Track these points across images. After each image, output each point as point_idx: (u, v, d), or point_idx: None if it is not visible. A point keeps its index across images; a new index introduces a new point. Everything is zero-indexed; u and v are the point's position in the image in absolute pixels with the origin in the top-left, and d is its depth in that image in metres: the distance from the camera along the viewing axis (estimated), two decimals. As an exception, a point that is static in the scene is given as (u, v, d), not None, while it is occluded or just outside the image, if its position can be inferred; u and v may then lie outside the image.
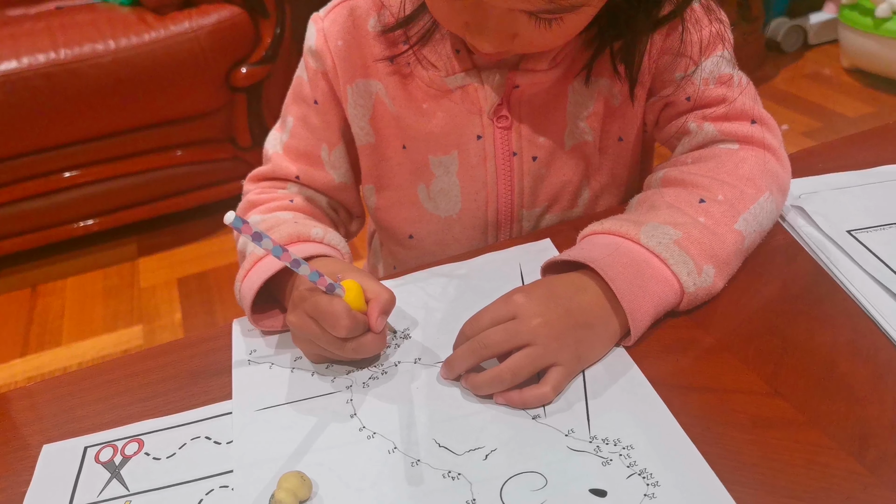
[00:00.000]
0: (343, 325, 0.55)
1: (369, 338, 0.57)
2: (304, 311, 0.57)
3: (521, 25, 0.57)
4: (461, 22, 0.60)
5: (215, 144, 2.15)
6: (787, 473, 0.46)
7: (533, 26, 0.57)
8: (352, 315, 0.55)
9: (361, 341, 0.57)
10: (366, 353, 0.58)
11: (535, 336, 0.53)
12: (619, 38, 0.65)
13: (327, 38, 0.72)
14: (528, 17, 0.56)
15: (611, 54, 0.67)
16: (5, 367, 1.83)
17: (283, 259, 0.52)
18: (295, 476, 0.49)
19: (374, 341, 0.57)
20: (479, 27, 0.58)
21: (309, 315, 0.57)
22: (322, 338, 0.57)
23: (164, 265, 2.14)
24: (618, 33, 0.65)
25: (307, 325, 0.57)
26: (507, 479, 0.48)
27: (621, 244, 0.59)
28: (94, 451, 0.56)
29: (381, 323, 0.57)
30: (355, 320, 0.56)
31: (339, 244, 0.68)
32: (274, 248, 0.51)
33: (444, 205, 0.76)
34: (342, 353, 0.57)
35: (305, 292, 0.57)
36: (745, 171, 0.64)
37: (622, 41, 0.66)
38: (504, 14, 0.57)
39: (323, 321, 0.56)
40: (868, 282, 0.60)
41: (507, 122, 0.71)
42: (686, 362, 0.55)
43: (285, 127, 0.78)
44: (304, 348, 0.60)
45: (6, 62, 1.86)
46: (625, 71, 0.68)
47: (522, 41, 0.60)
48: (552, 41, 0.61)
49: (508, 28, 0.58)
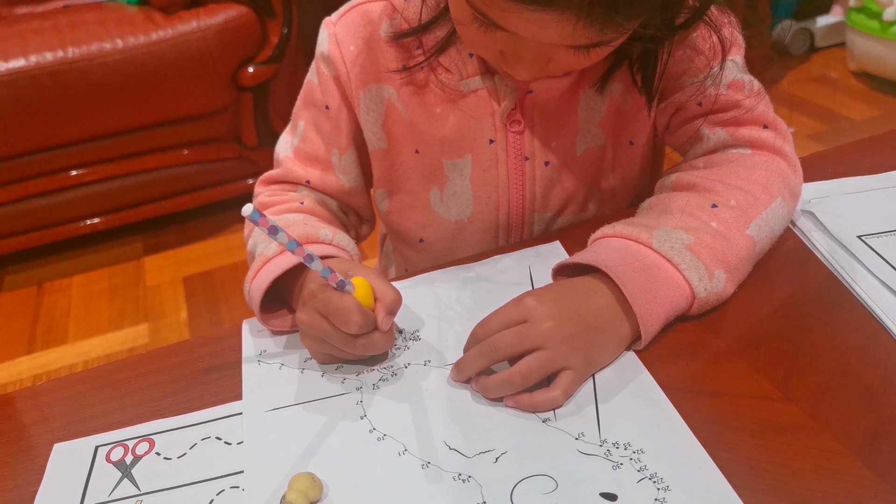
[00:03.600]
0: (354, 321, 0.55)
1: (378, 336, 0.57)
2: (314, 309, 0.57)
3: (558, 53, 0.57)
4: (496, 51, 0.59)
5: (221, 143, 2.16)
6: (798, 479, 0.46)
7: (571, 54, 0.56)
8: (363, 311, 0.56)
9: (371, 338, 0.57)
10: (375, 350, 0.58)
11: (546, 339, 0.54)
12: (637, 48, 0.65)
13: (339, 43, 0.72)
14: (566, 48, 0.56)
15: (629, 63, 0.67)
16: (11, 365, 1.84)
17: (297, 254, 0.52)
18: (306, 477, 0.49)
19: (382, 339, 0.58)
20: (517, 57, 0.58)
21: (320, 312, 0.57)
22: (333, 335, 0.57)
23: (170, 264, 2.14)
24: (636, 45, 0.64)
25: (318, 323, 0.57)
26: (517, 482, 0.48)
27: (633, 248, 0.59)
28: (105, 451, 0.56)
29: (388, 322, 0.57)
30: (366, 316, 0.56)
31: (349, 245, 0.68)
32: (289, 242, 0.51)
33: (455, 208, 0.76)
34: (352, 351, 0.57)
35: (315, 289, 0.58)
36: (758, 177, 0.64)
37: (640, 51, 0.65)
38: (542, 45, 0.56)
39: (334, 318, 0.56)
40: (879, 287, 0.60)
41: (519, 127, 0.71)
42: (696, 367, 0.55)
43: (296, 131, 0.78)
44: (313, 347, 0.60)
45: (14, 60, 1.86)
46: (641, 79, 0.67)
47: (557, 66, 0.59)
48: (586, 63, 0.60)
49: (545, 56, 0.58)
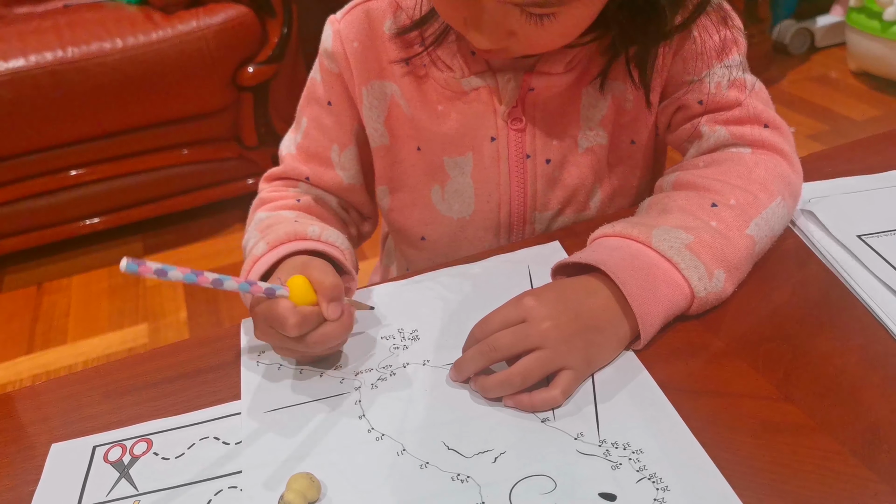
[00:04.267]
0: (291, 324, 0.54)
1: (329, 327, 0.56)
2: (261, 322, 0.58)
3: (514, 21, 0.58)
4: (460, 18, 0.60)
5: (221, 143, 2.15)
6: (797, 479, 0.45)
7: (525, 22, 0.57)
8: (296, 312, 0.54)
9: (321, 332, 0.56)
10: (331, 341, 0.57)
11: (545, 339, 0.53)
12: (634, 45, 0.65)
13: (343, 39, 0.72)
14: (519, 13, 0.57)
15: (626, 60, 0.67)
16: (11, 365, 1.84)
17: (200, 282, 0.51)
18: (304, 477, 0.49)
19: (335, 329, 0.56)
20: (476, 23, 0.59)
21: (266, 322, 0.57)
22: (284, 340, 0.57)
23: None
24: (632, 40, 0.65)
25: (268, 334, 0.57)
26: (516, 483, 0.48)
27: (632, 247, 0.59)
28: (103, 451, 0.56)
29: (333, 310, 0.56)
30: (300, 315, 0.55)
31: (338, 240, 0.67)
32: (186, 275, 0.50)
33: (457, 206, 0.76)
34: (307, 349, 0.57)
35: (253, 303, 0.58)
36: (758, 176, 0.64)
37: (637, 47, 0.66)
38: (497, 8, 0.57)
39: (274, 325, 0.56)
40: (879, 287, 0.59)
41: (521, 125, 0.71)
42: (696, 366, 0.55)
43: (299, 128, 0.78)
44: (284, 354, 0.60)
45: (13, 60, 1.86)
46: (639, 76, 0.68)
47: (520, 40, 0.60)
48: (550, 41, 0.61)
49: (503, 23, 0.58)
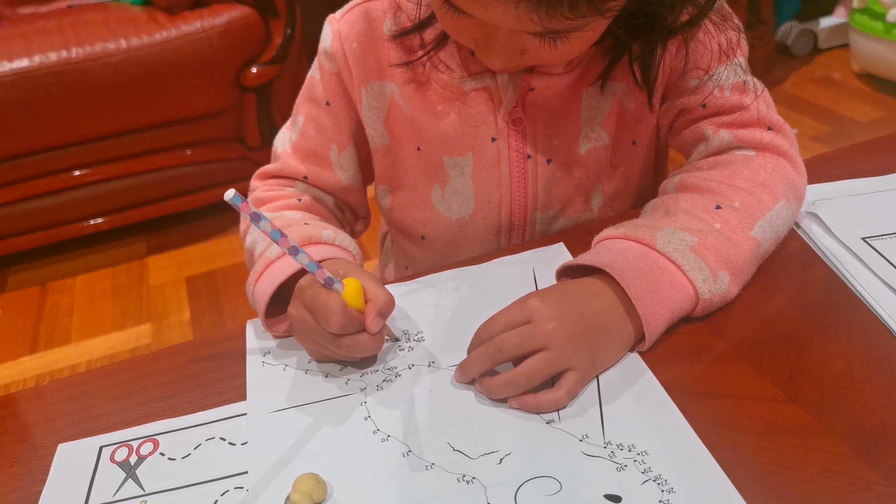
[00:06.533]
0: (336, 321, 0.54)
1: (364, 338, 0.57)
2: (302, 303, 0.57)
3: (527, 43, 0.58)
4: (470, 38, 0.60)
5: (225, 144, 2.16)
6: (802, 481, 0.45)
7: (538, 44, 0.57)
8: (346, 311, 0.55)
9: (357, 340, 0.57)
10: (360, 352, 0.57)
11: (550, 340, 0.54)
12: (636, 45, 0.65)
13: (342, 39, 0.72)
14: (532, 36, 0.57)
15: (629, 61, 0.67)
16: (14, 365, 1.84)
17: (281, 244, 0.52)
18: (310, 478, 0.49)
19: (369, 342, 0.57)
20: (488, 44, 0.59)
21: (307, 307, 0.57)
22: (317, 331, 0.57)
23: (173, 264, 2.14)
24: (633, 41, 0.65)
25: (304, 318, 0.57)
26: (521, 484, 0.48)
27: (637, 249, 0.59)
28: (110, 451, 0.56)
29: (377, 324, 0.56)
30: (349, 317, 0.55)
31: (350, 246, 0.68)
32: (272, 231, 0.50)
33: (456, 206, 0.76)
34: (337, 350, 0.57)
35: (305, 284, 0.58)
36: (762, 178, 0.64)
37: (639, 49, 0.66)
38: (510, 32, 0.57)
39: (318, 314, 0.56)
40: (883, 289, 0.60)
41: (521, 125, 0.71)
42: (700, 368, 0.55)
43: (295, 126, 0.78)
44: (305, 345, 0.60)
45: (17, 60, 1.87)
46: (641, 78, 0.68)
47: (531, 57, 0.60)
48: (560, 57, 0.61)
49: (516, 45, 0.58)
